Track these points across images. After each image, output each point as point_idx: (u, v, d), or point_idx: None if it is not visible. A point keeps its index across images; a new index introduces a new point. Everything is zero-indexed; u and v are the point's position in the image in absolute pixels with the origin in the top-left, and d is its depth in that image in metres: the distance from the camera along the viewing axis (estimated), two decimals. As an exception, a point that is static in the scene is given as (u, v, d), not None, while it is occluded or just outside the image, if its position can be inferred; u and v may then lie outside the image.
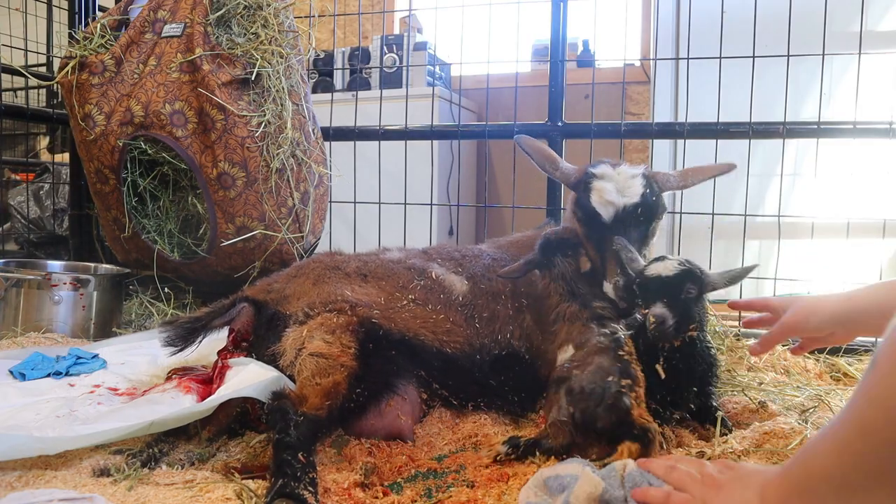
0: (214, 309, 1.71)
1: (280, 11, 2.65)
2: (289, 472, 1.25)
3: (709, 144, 2.78)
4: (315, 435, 1.38)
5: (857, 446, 0.70)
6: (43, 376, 1.90)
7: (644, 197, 1.83)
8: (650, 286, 1.54)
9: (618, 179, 1.85)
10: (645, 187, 1.84)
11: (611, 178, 1.86)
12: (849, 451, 0.71)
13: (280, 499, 1.20)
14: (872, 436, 0.67)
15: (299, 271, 1.87)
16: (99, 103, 2.60)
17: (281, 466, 1.26)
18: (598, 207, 1.83)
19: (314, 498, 1.22)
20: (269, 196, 2.55)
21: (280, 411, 1.38)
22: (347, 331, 1.55)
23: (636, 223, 1.83)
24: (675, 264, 1.55)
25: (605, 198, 1.82)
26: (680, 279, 1.52)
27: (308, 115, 2.70)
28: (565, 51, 2.93)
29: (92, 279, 2.58)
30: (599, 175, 1.87)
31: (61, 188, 4.01)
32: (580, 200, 1.89)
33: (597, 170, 1.89)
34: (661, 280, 1.53)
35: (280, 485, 1.22)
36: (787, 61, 2.63)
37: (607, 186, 1.84)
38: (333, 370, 1.46)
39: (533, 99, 3.92)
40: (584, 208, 1.87)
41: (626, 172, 1.87)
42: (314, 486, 1.25)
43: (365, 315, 1.61)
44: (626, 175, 1.86)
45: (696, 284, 1.54)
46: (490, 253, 2.08)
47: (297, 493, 1.21)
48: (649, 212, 1.85)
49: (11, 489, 1.25)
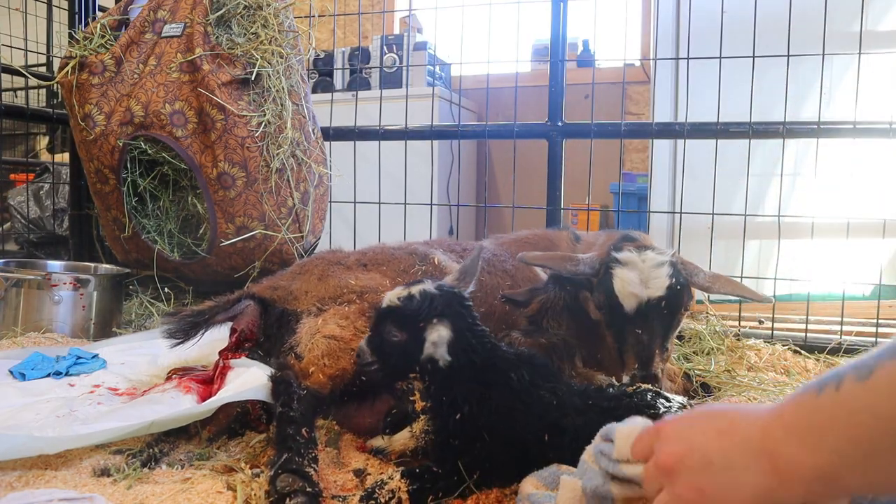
0: (218, 304, 1.71)
1: (280, 11, 2.65)
2: (293, 446, 1.26)
3: (709, 144, 2.78)
4: (315, 411, 1.39)
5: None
6: (43, 376, 1.90)
7: (670, 290, 1.68)
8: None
9: (642, 268, 1.71)
10: (671, 277, 1.69)
11: (635, 265, 1.72)
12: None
13: (285, 474, 1.20)
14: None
15: (303, 268, 1.88)
16: (99, 103, 2.60)
17: (285, 441, 1.27)
18: (621, 298, 1.70)
19: (318, 475, 1.23)
20: (269, 196, 2.55)
21: (284, 382, 1.39)
22: (362, 316, 1.57)
23: (660, 316, 1.69)
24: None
25: (627, 289, 1.69)
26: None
27: (308, 115, 2.70)
28: (565, 51, 2.93)
29: (92, 279, 2.58)
30: (623, 262, 1.73)
31: (61, 188, 4.01)
32: (603, 285, 1.76)
33: (621, 255, 1.75)
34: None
35: (285, 459, 1.23)
36: (787, 61, 2.63)
37: (630, 276, 1.70)
38: (344, 353, 1.48)
39: (533, 99, 3.92)
40: (606, 294, 1.74)
41: (651, 260, 1.72)
42: (316, 463, 1.27)
43: (374, 300, 1.62)
44: (652, 263, 1.71)
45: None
46: (491, 249, 2.09)
47: (302, 469, 1.22)
48: (675, 305, 1.71)
49: (11, 489, 1.25)
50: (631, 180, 4.10)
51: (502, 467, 1.24)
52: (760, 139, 2.71)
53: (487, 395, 1.23)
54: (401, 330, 1.26)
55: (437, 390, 1.26)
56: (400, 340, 1.26)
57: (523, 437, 1.24)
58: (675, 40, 3.52)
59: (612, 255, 1.76)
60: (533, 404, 1.25)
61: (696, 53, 3.03)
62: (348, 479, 1.32)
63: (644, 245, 1.81)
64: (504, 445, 1.23)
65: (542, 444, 1.24)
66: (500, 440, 1.23)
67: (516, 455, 1.24)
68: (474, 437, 1.23)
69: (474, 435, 1.22)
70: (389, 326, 1.28)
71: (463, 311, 1.28)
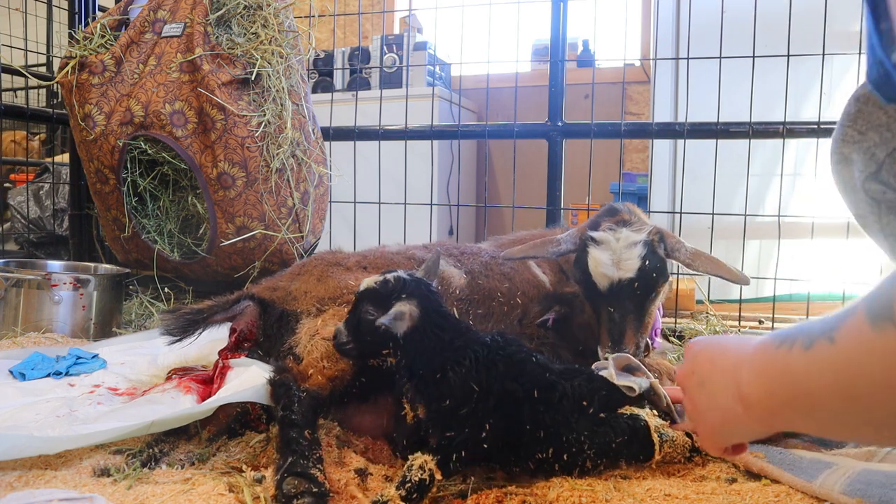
0: (217, 303, 1.71)
1: (280, 11, 2.64)
2: (297, 449, 1.26)
3: (709, 144, 2.78)
4: (316, 412, 1.40)
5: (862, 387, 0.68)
6: (43, 376, 1.90)
7: (641, 271, 1.74)
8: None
9: (615, 248, 1.76)
10: (643, 259, 1.74)
11: (608, 246, 1.77)
12: (859, 402, 0.69)
13: (291, 477, 1.21)
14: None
15: (302, 269, 1.88)
16: (99, 103, 2.60)
17: (289, 444, 1.28)
18: (594, 277, 1.77)
19: (323, 475, 1.23)
20: (269, 196, 2.55)
21: (283, 386, 1.39)
22: None
23: (632, 296, 1.75)
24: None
25: (599, 269, 1.76)
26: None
27: (308, 115, 2.70)
28: (565, 51, 2.93)
29: (92, 279, 2.58)
30: (598, 241, 1.79)
31: (61, 188, 4.01)
32: (579, 261, 1.82)
33: (596, 234, 1.80)
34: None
35: (290, 463, 1.23)
36: (787, 61, 2.63)
37: (603, 258, 1.76)
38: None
39: (533, 99, 3.92)
40: (581, 271, 1.81)
41: (625, 240, 1.77)
42: (321, 463, 1.27)
43: None
44: (626, 243, 1.76)
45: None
46: (490, 251, 2.09)
47: (308, 471, 1.22)
48: (647, 285, 1.76)
49: (11, 489, 1.25)
50: (631, 180, 4.10)
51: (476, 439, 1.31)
52: (760, 139, 2.71)
53: (450, 365, 1.33)
54: (377, 309, 1.38)
55: (401, 355, 1.37)
56: (375, 318, 1.37)
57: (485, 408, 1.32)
58: (675, 40, 3.52)
59: (588, 233, 1.82)
60: (489, 385, 1.33)
61: (696, 53, 3.03)
62: (350, 478, 1.32)
63: (623, 219, 1.85)
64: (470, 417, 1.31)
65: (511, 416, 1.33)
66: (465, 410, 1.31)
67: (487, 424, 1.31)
68: (440, 403, 1.32)
69: (439, 402, 1.32)
70: (367, 306, 1.40)
71: (429, 295, 1.42)
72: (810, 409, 0.76)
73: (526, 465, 1.35)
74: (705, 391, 0.92)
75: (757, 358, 0.83)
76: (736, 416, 0.85)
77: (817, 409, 0.74)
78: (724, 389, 0.87)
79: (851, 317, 0.70)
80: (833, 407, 0.72)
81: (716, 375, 0.90)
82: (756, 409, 0.82)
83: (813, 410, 0.75)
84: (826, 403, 0.73)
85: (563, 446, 1.33)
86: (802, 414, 0.77)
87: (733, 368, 0.86)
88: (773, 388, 0.79)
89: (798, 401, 0.76)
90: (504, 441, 1.32)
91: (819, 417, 0.76)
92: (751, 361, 0.83)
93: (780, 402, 0.78)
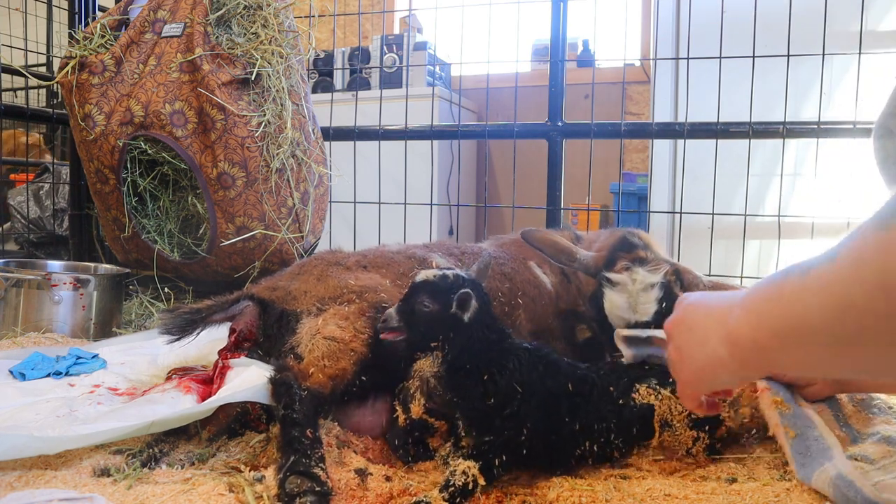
0: (217, 303, 1.71)
1: (280, 11, 2.64)
2: (299, 448, 1.26)
3: (709, 144, 2.78)
4: (317, 411, 1.40)
5: (859, 306, 0.65)
6: (43, 376, 1.90)
7: (658, 314, 1.69)
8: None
9: (631, 291, 1.72)
10: (660, 302, 1.70)
11: (624, 288, 1.73)
12: (851, 312, 0.66)
13: (293, 476, 1.21)
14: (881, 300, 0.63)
15: (302, 269, 1.87)
16: (99, 103, 2.60)
17: (291, 443, 1.28)
18: (610, 318, 1.75)
19: (325, 474, 1.23)
20: (269, 196, 2.55)
21: (284, 384, 1.39)
22: (362, 316, 1.57)
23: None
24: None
25: (615, 312, 1.73)
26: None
27: (308, 115, 2.70)
28: (565, 51, 2.93)
29: (92, 279, 2.58)
30: (614, 283, 1.75)
31: (61, 188, 4.01)
32: (594, 299, 1.80)
33: (613, 276, 1.76)
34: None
35: (292, 461, 1.23)
36: (787, 61, 2.63)
37: (619, 301, 1.73)
38: (343, 354, 1.48)
39: (533, 99, 3.92)
40: (596, 311, 1.79)
41: (642, 282, 1.73)
42: (323, 462, 1.27)
43: (374, 299, 1.62)
44: (642, 285, 1.72)
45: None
46: (490, 251, 2.09)
47: (310, 470, 1.22)
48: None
49: (11, 489, 1.25)
50: (631, 180, 4.10)
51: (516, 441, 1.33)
52: (760, 139, 2.71)
53: (496, 366, 1.36)
54: (433, 301, 1.39)
55: (457, 339, 1.38)
56: (431, 311, 1.39)
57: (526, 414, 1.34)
58: (675, 40, 3.52)
59: (604, 274, 1.79)
60: (531, 387, 1.36)
61: (696, 53, 3.03)
62: (351, 478, 1.32)
63: (639, 257, 1.80)
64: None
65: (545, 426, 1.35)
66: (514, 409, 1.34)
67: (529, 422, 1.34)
68: (483, 401, 1.34)
69: (483, 400, 1.34)
70: (423, 297, 1.40)
71: (483, 296, 1.45)
72: (800, 338, 0.73)
73: (568, 464, 1.38)
74: (694, 337, 0.91)
75: (749, 295, 0.81)
76: (720, 359, 0.84)
77: (808, 336, 0.72)
78: (714, 331, 0.86)
79: (857, 233, 0.68)
80: (824, 329, 0.69)
81: (707, 321, 0.89)
82: (742, 346, 0.80)
83: (803, 339, 0.73)
84: (817, 326, 0.70)
85: (595, 436, 1.37)
86: (791, 344, 0.74)
87: (726, 310, 0.84)
88: (761, 320, 0.77)
89: (788, 329, 0.74)
90: (544, 441, 1.34)
91: (809, 348, 0.73)
92: (742, 300, 0.82)
93: (768, 334, 0.76)
